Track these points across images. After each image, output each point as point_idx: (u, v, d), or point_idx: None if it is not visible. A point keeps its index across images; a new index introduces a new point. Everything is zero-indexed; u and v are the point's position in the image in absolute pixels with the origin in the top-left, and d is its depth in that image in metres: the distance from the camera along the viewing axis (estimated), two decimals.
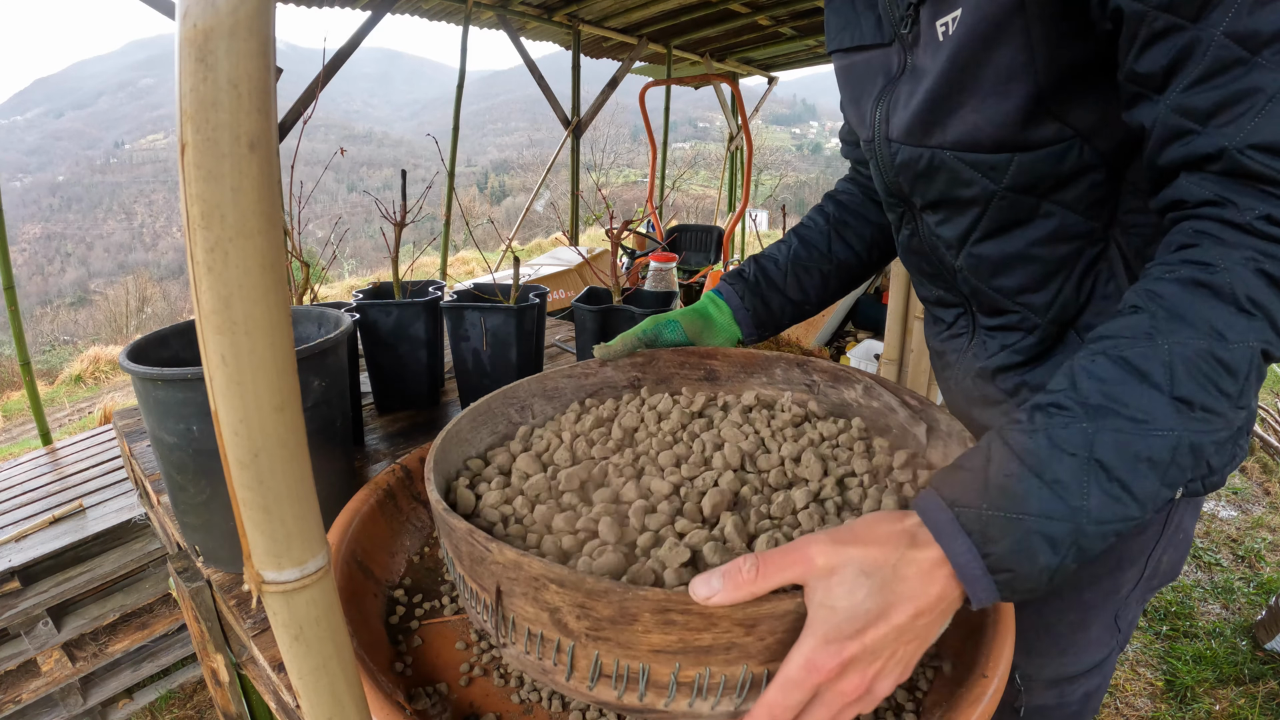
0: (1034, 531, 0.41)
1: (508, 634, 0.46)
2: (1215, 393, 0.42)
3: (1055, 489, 0.41)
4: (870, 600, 0.40)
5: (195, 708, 1.96)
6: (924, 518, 0.43)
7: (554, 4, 4.74)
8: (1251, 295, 0.42)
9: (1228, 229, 0.44)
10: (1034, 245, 0.65)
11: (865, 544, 0.41)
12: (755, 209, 7.90)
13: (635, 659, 0.41)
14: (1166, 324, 0.43)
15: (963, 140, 0.61)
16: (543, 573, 0.41)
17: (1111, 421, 0.42)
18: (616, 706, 0.43)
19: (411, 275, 1.18)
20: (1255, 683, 1.92)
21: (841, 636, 0.39)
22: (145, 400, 0.67)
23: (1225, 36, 0.43)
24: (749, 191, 4.59)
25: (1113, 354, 0.44)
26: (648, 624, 0.39)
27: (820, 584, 0.40)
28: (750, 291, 0.87)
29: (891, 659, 0.41)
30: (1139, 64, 0.48)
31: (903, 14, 0.63)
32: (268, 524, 0.31)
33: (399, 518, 0.71)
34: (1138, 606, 0.80)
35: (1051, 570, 0.41)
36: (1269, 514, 2.80)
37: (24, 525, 1.82)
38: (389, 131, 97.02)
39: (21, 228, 54.06)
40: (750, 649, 0.40)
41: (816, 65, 7.15)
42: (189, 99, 0.25)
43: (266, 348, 0.29)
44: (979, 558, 0.41)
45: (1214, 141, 0.44)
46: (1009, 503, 0.41)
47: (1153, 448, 0.41)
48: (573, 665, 0.43)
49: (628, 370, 0.77)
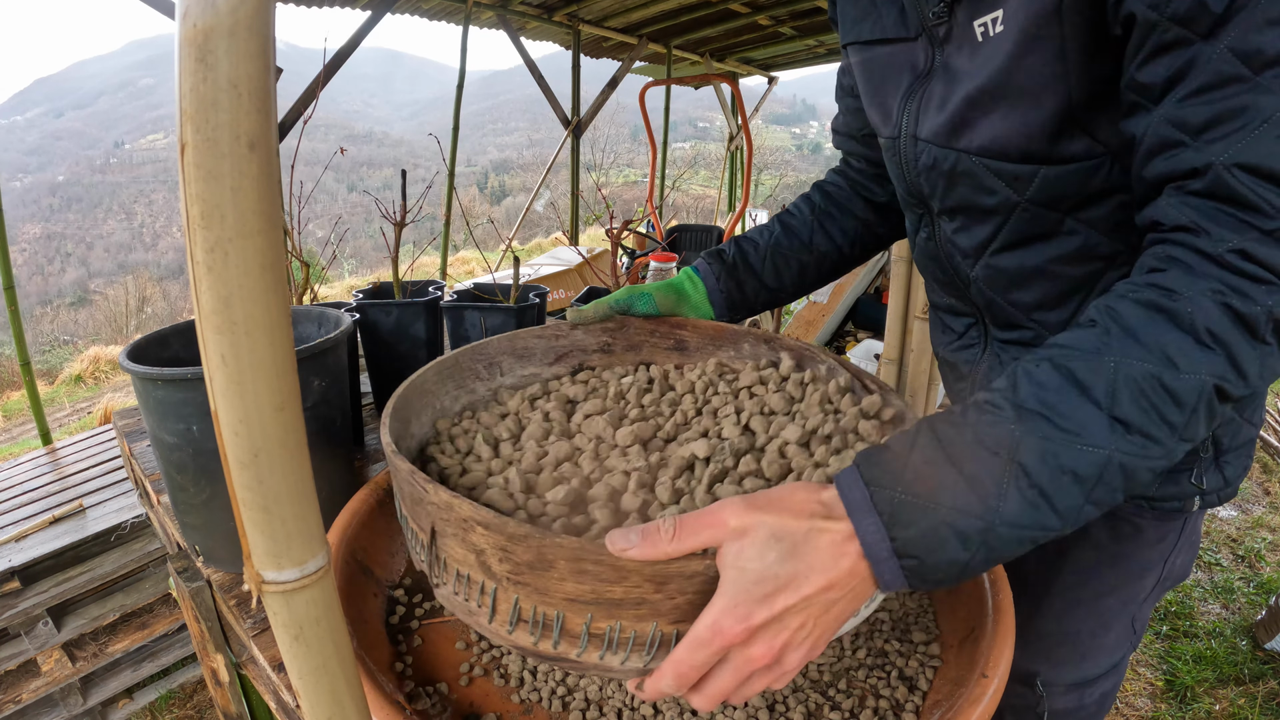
0: (944, 523, 0.40)
1: (440, 574, 0.47)
2: (1157, 419, 0.41)
3: (973, 484, 0.41)
4: (780, 565, 0.40)
5: (195, 708, 1.96)
6: (840, 492, 0.42)
7: (554, 4, 4.74)
8: (1211, 328, 0.42)
9: (1198, 258, 0.44)
10: (1055, 262, 0.64)
11: (779, 510, 0.41)
12: (755, 209, 7.90)
13: (551, 606, 0.42)
14: (1119, 342, 0.42)
15: (990, 147, 0.60)
16: (470, 515, 0.42)
17: (1041, 428, 0.41)
18: (533, 653, 0.44)
19: (411, 275, 1.18)
20: (1255, 683, 1.92)
21: (750, 600, 0.39)
22: (145, 400, 0.67)
23: (1229, 51, 0.42)
24: (749, 191, 4.59)
25: (1058, 362, 0.43)
26: (563, 571, 0.41)
27: (732, 546, 0.40)
28: (727, 273, 0.86)
29: (800, 630, 0.41)
30: (1141, 73, 0.47)
31: (936, 9, 0.61)
32: (268, 524, 0.31)
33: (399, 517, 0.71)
34: (1150, 608, 0.81)
35: (960, 565, 0.41)
36: (1269, 514, 2.80)
37: (24, 525, 1.82)
38: (389, 131, 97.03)
39: (21, 228, 54.06)
40: (660, 607, 0.41)
41: (816, 65, 7.15)
42: (189, 99, 0.25)
43: (266, 348, 0.29)
44: (887, 539, 0.41)
45: (1202, 156, 0.44)
46: (924, 490, 0.41)
47: (1079, 461, 0.41)
48: (494, 608, 0.44)
49: (598, 335, 0.78)
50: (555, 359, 0.76)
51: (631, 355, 0.78)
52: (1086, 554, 0.77)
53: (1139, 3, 0.46)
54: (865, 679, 0.56)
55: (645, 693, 0.43)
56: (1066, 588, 0.79)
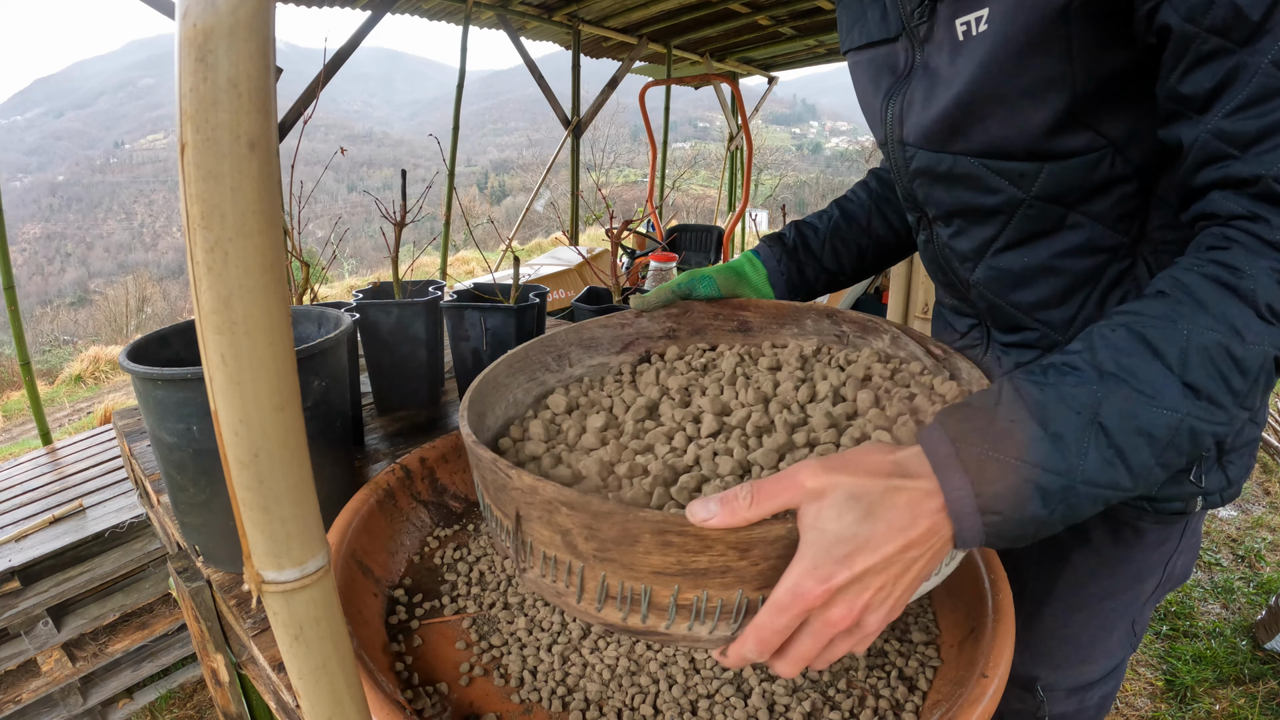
0: (1029, 480, 0.41)
1: (526, 558, 0.48)
2: (1223, 386, 0.43)
3: (1056, 443, 0.42)
4: (858, 525, 0.40)
5: (195, 708, 1.97)
6: (925, 448, 0.43)
7: (554, 4, 4.73)
8: (1272, 304, 0.44)
9: (1258, 242, 0.45)
10: (1059, 257, 0.64)
11: (854, 470, 0.41)
12: (755, 209, 7.90)
13: (638, 580, 0.43)
14: (1189, 312, 0.44)
15: (992, 148, 0.60)
16: (555, 495, 0.43)
17: (1120, 390, 0.42)
18: (622, 628, 0.45)
19: (411, 275, 1.18)
20: (1255, 683, 1.92)
21: (830, 560, 0.39)
22: (145, 400, 0.67)
23: (1273, 65, 0.43)
24: (749, 191, 4.59)
25: (1134, 328, 0.45)
26: (648, 545, 0.41)
27: (811, 507, 0.40)
28: (788, 256, 0.87)
29: (880, 591, 0.41)
30: (1183, 85, 0.48)
31: (915, 8, 0.61)
32: (268, 524, 0.31)
33: (399, 518, 0.71)
34: (1151, 610, 0.81)
35: (1040, 521, 0.42)
36: (1269, 514, 2.80)
37: (24, 525, 1.82)
38: (389, 131, 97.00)
39: (21, 228, 54.06)
40: (745, 574, 0.42)
41: (816, 65, 7.15)
42: (189, 99, 0.25)
43: (266, 348, 0.29)
44: (972, 495, 0.41)
45: (1251, 168, 0.45)
46: (1011, 447, 0.42)
47: (1154, 423, 0.42)
48: (582, 587, 0.45)
49: (662, 321, 0.79)
50: (622, 347, 0.78)
51: (697, 339, 0.80)
52: (1087, 558, 0.77)
53: (1174, 15, 0.46)
54: (865, 679, 0.56)
55: (729, 659, 0.44)
56: (1067, 592, 0.79)
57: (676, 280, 0.79)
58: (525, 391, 0.70)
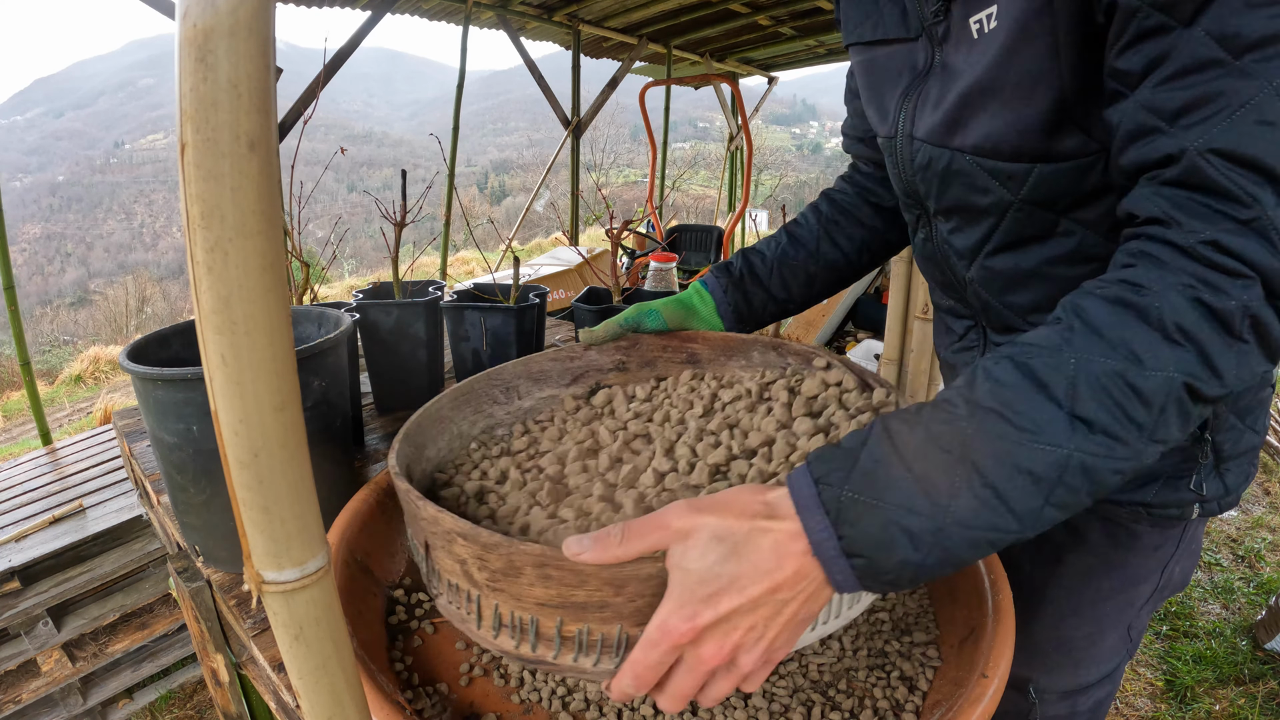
0: (892, 521, 0.39)
1: (436, 585, 0.50)
2: (1122, 418, 0.39)
3: (921, 483, 0.40)
4: (721, 565, 0.40)
5: (195, 708, 1.96)
6: (791, 489, 0.42)
7: (554, 4, 4.73)
8: (1181, 324, 0.40)
9: (1170, 251, 0.42)
10: (1049, 263, 0.63)
11: (722, 512, 0.41)
12: (755, 209, 7.90)
13: (525, 610, 0.44)
14: (1082, 339, 0.41)
15: (983, 145, 0.60)
16: (452, 527, 0.44)
17: (995, 425, 0.40)
18: (516, 656, 0.46)
19: (411, 275, 1.18)
20: (1255, 683, 1.92)
21: (694, 599, 0.40)
22: (145, 400, 0.67)
23: (1206, 34, 0.41)
24: (749, 191, 4.59)
25: (1019, 359, 0.42)
26: (530, 577, 0.43)
27: (677, 547, 0.41)
28: (734, 286, 0.87)
29: (750, 632, 0.41)
30: (1121, 60, 0.46)
31: (934, 7, 0.60)
32: (268, 524, 0.31)
33: (399, 518, 0.71)
34: (1148, 616, 0.80)
35: (913, 566, 0.40)
36: (1269, 514, 2.80)
37: (24, 525, 1.82)
38: (389, 131, 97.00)
39: (21, 228, 54.05)
40: (622, 609, 0.43)
41: (816, 65, 7.14)
42: (189, 99, 0.25)
43: (266, 348, 0.29)
44: (834, 537, 0.40)
45: (1176, 142, 0.42)
46: (871, 488, 0.40)
47: (1035, 461, 0.39)
48: (480, 614, 0.47)
49: (612, 354, 0.80)
50: (572, 380, 0.79)
51: (647, 371, 0.80)
52: (1083, 560, 0.76)
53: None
54: (865, 679, 0.56)
55: (613, 693, 0.44)
56: (1062, 594, 0.78)
57: (624, 314, 0.79)
58: (471, 424, 0.71)
